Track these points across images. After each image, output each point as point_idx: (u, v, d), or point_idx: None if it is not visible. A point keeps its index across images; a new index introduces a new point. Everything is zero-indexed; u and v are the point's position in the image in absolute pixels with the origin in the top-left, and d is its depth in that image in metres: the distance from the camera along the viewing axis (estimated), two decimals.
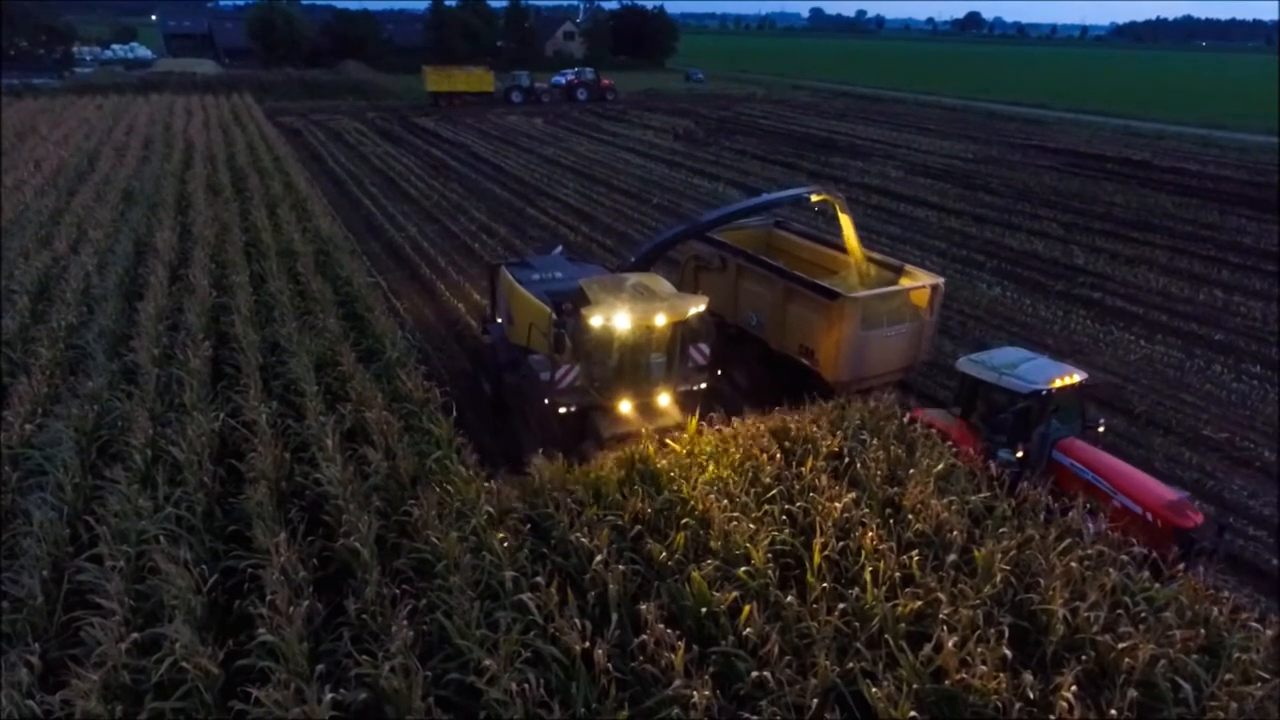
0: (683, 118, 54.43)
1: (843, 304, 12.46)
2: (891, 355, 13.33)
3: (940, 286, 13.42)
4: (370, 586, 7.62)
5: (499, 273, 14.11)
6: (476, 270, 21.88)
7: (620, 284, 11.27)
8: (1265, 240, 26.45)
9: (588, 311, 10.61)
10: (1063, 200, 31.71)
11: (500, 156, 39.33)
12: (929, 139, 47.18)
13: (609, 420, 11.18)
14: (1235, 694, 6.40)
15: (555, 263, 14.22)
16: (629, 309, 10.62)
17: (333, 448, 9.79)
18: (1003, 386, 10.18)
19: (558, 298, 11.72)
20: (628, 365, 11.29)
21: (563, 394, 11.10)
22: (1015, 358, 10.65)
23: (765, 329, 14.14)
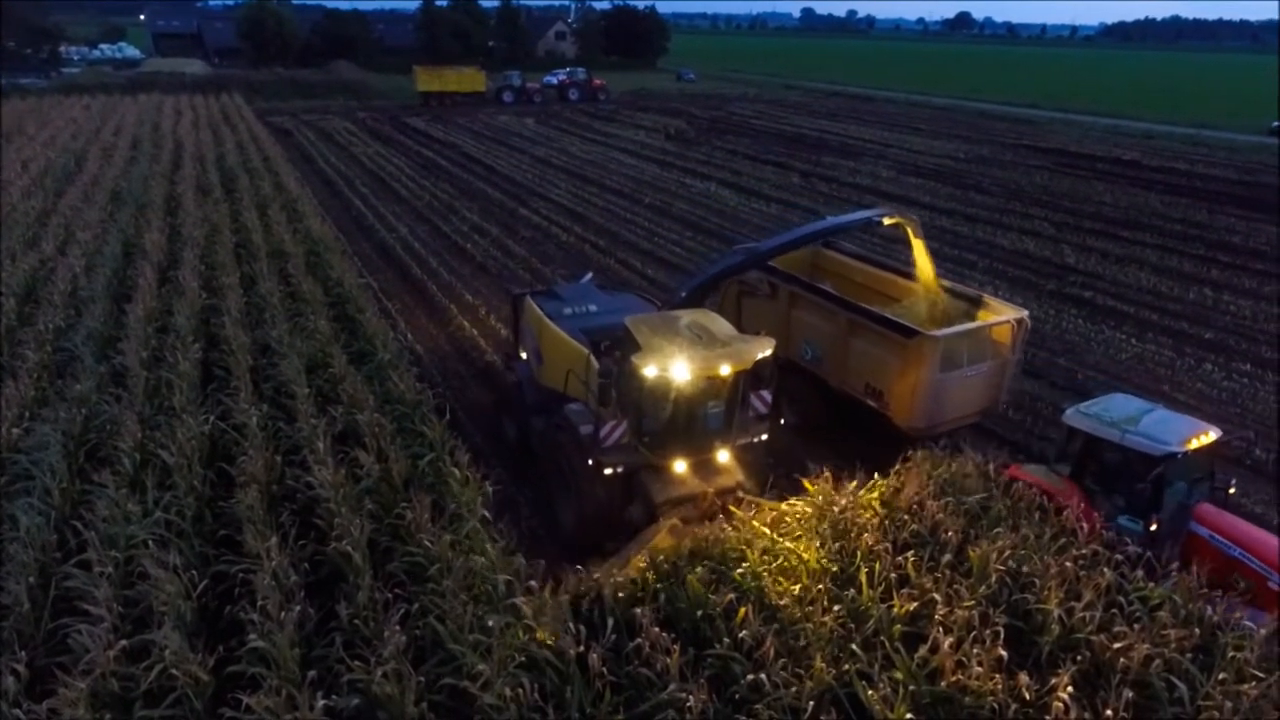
0: (674, 118, 54.42)
1: (921, 343, 11.03)
2: (970, 398, 11.96)
3: (1025, 321, 12.03)
4: (362, 591, 7.56)
5: (523, 304, 12.69)
6: (468, 271, 21.83)
7: (673, 324, 9.55)
8: (1254, 239, 26.61)
9: (640, 360, 8.89)
10: (1053, 199, 31.83)
11: (492, 157, 39.23)
12: (920, 139, 47.30)
13: (662, 482, 9.63)
14: (1229, 693, 6.40)
15: (586, 293, 12.82)
16: (688, 357, 8.87)
17: (324, 450, 9.72)
18: (1128, 447, 8.67)
19: (595, 336, 10.58)
20: (682, 418, 9.61)
21: (608, 453, 9.60)
22: (1132, 409, 9.17)
23: (823, 365, 12.71)
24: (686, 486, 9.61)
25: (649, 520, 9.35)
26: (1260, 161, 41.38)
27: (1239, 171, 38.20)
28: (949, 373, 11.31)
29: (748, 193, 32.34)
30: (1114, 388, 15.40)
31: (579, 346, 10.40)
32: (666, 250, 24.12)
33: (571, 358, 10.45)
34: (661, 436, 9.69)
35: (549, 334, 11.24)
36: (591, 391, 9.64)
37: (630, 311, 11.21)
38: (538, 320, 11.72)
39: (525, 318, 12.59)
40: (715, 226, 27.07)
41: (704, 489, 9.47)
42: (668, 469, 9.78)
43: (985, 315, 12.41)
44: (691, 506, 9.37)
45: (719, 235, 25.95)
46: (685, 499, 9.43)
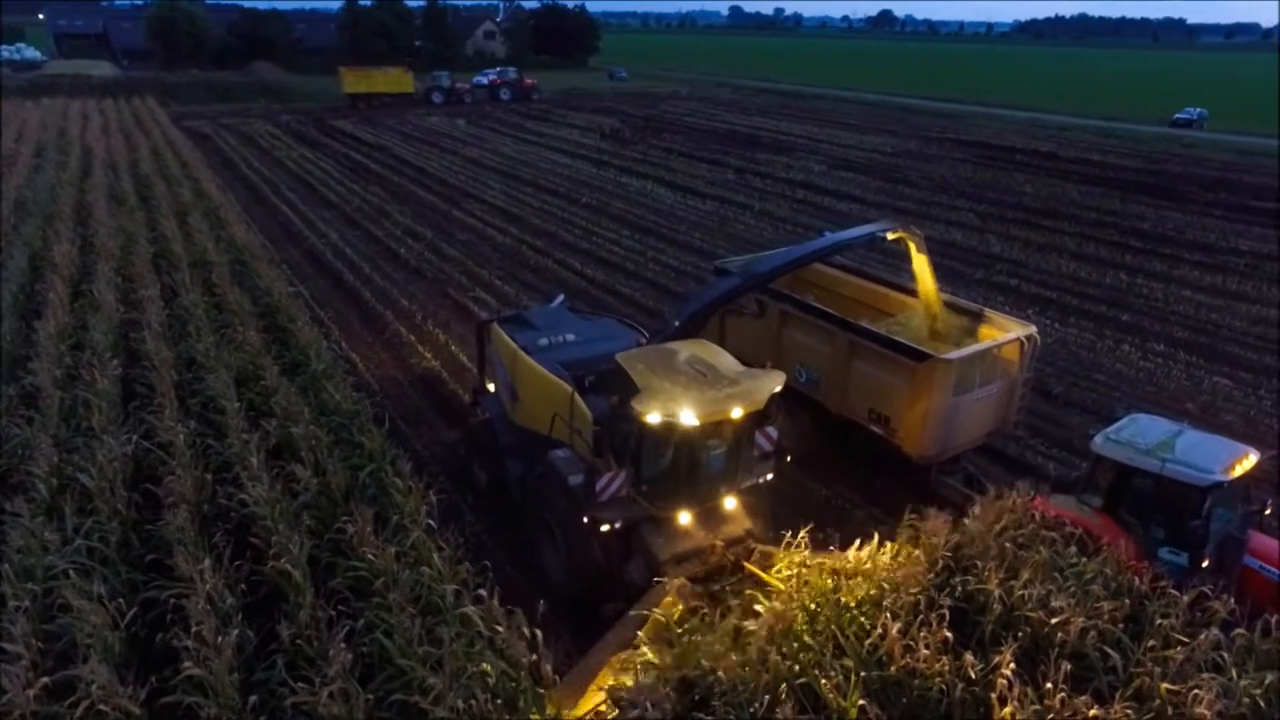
0: (608, 116, 54.37)
1: (933, 367, 10.30)
2: (980, 420, 11.37)
3: (1035, 338, 11.40)
4: (304, 609, 7.31)
5: (490, 332, 11.41)
6: (403, 276, 21.37)
7: (671, 360, 8.58)
8: (1161, 225, 28.04)
9: (641, 405, 7.85)
10: (978, 191, 32.94)
11: (423, 158, 38.51)
12: (850, 134, 48.35)
13: (664, 536, 8.69)
14: (1158, 658, 6.70)
15: (561, 319, 11.66)
16: (695, 400, 7.89)
17: (258, 466, 9.36)
18: (1169, 477, 8.12)
19: (576, 370, 9.52)
20: (684, 465, 8.77)
21: (605, 507, 8.59)
22: (1163, 433, 8.64)
23: (820, 389, 11.88)
24: (692, 539, 8.68)
25: (650, 579, 8.32)
26: (1164, 152, 43.63)
27: (1146, 161, 40.19)
28: (961, 396, 10.64)
29: (684, 190, 32.53)
30: (1042, 372, 16.00)
31: (560, 383, 9.31)
32: (605, 250, 24.08)
33: (552, 396, 9.37)
34: (662, 486, 8.76)
35: (524, 369, 10.11)
36: (584, 440, 8.59)
37: (612, 339, 10.52)
38: (510, 352, 10.51)
39: (494, 348, 11.34)
40: (653, 225, 27.14)
41: (711, 541, 8.61)
42: (670, 521, 8.80)
43: (987, 330, 11.89)
44: (698, 562, 8.49)
45: (657, 234, 26.03)
46: (691, 554, 8.54)
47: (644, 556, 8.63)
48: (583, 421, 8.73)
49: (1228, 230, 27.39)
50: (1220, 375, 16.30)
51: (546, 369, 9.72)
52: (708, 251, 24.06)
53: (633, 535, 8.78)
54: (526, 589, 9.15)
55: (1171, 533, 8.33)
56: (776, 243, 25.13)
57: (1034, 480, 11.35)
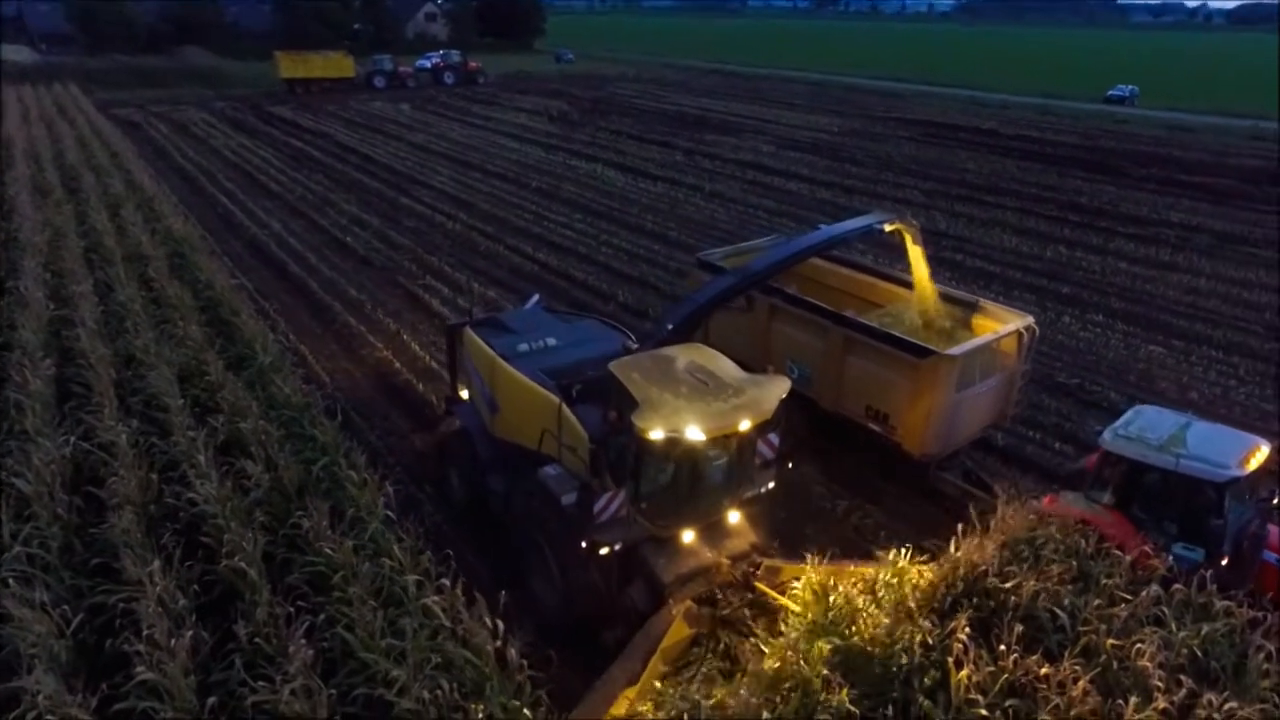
0: (555, 99, 53.78)
1: (937, 364, 9.95)
2: (980, 414, 11.17)
3: (1034, 328, 11.16)
4: (261, 607, 7.16)
5: (463, 337, 10.58)
6: (351, 265, 20.90)
7: (669, 369, 7.94)
8: (1097, 199, 28.93)
9: (643, 420, 7.23)
10: (922, 168, 33.53)
11: (367, 145, 37.61)
12: (796, 114, 48.69)
13: (667, 556, 8.17)
14: (1103, 616, 6.98)
15: (539, 321, 10.88)
16: (700, 413, 7.33)
17: (206, 463, 9.11)
18: (1184, 474, 7.95)
19: (561, 378, 8.93)
20: (687, 480, 8.23)
21: (604, 529, 8.00)
22: (1171, 426, 8.46)
23: (813, 385, 11.37)
24: (696, 558, 8.18)
25: (653, 603, 7.89)
26: (1099, 128, 44.97)
27: (1081, 138, 41.37)
28: (963, 391, 10.38)
29: (634, 172, 32.42)
30: None
31: (546, 394, 8.66)
32: (557, 234, 23.89)
33: (537, 407, 8.74)
34: (663, 503, 8.19)
35: (504, 378, 9.36)
36: (580, 458, 8.05)
37: (596, 342, 9.99)
38: (487, 360, 9.73)
39: (467, 354, 10.45)
40: (604, 208, 27.01)
41: (717, 559, 8.15)
42: (672, 540, 8.29)
43: (980, 320, 11.65)
44: (703, 581, 8.02)
45: (609, 217, 25.92)
46: (696, 573, 8.06)
47: (645, 579, 8.09)
48: (575, 437, 8.15)
49: (1159, 203, 28.40)
50: (1155, 344, 16.94)
51: (529, 378, 8.98)
52: (660, 234, 24.08)
53: (632, 556, 8.16)
54: (488, 577, 9.12)
55: (1185, 529, 8.19)
56: (728, 224, 25.31)
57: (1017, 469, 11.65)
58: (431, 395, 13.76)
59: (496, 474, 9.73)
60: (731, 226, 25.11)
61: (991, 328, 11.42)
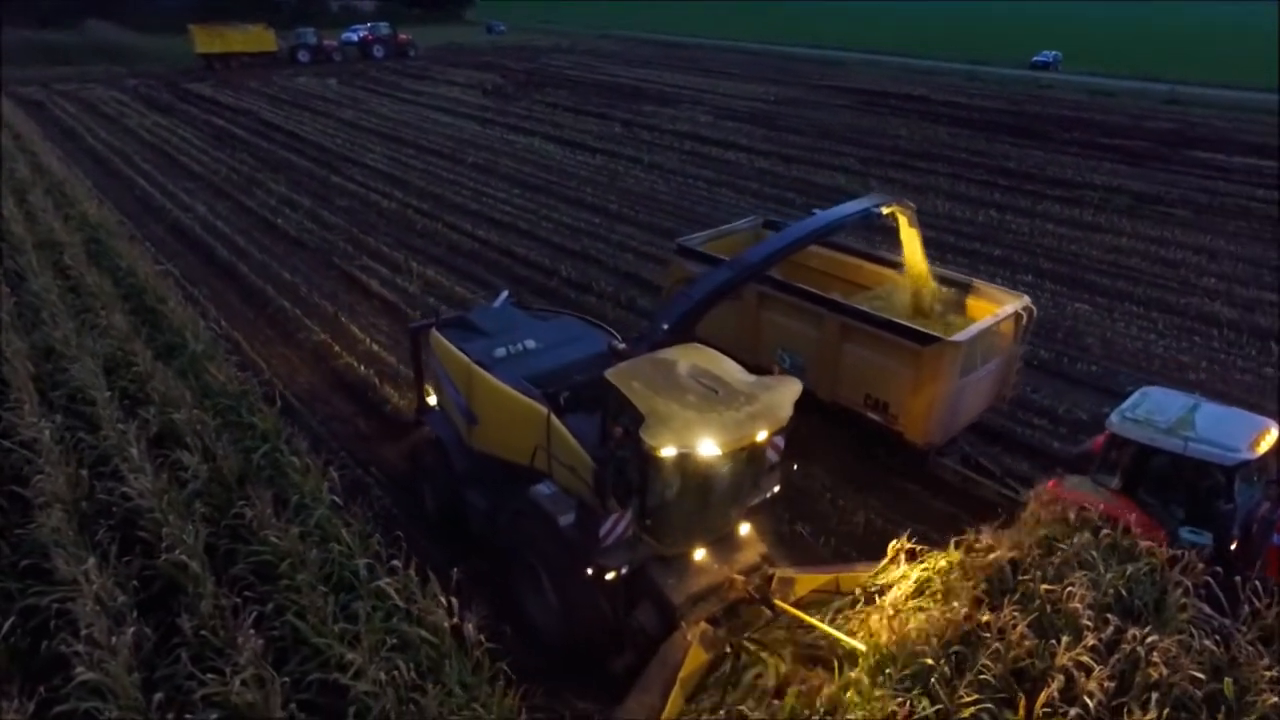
0: (489, 72, 52.65)
1: (941, 351, 9.64)
2: (980, 399, 10.94)
3: (1031, 309, 10.87)
4: (205, 600, 6.99)
5: (431, 339, 9.74)
6: (283, 248, 20.23)
7: (671, 375, 7.26)
8: (1024, 163, 29.80)
9: (652, 436, 6.60)
10: (858, 136, 33.98)
11: (294, 123, 36.27)
12: (733, 83, 48.70)
13: (676, 575, 7.62)
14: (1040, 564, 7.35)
15: (513, 321, 10.03)
16: (715, 426, 6.72)
17: (139, 457, 8.78)
18: (1193, 458, 7.83)
19: (546, 384, 8.23)
20: (693, 493, 7.54)
21: (609, 553, 7.40)
22: (1179, 408, 8.32)
23: (807, 375, 10.56)
24: (707, 575, 7.69)
25: (663, 625, 7.38)
26: (1024, 93, 46.19)
27: (1008, 103, 42.44)
28: (966, 377, 10.13)
29: (572, 145, 32.06)
30: None
31: (531, 405, 8.02)
32: (496, 210, 23.53)
33: (522, 419, 8.10)
34: (671, 520, 7.51)
35: (483, 387, 8.64)
36: (581, 478, 7.45)
37: (578, 342, 9.32)
38: (461, 367, 8.95)
39: (436, 359, 9.67)
40: (543, 182, 26.68)
41: (728, 575, 7.70)
42: (681, 558, 7.77)
43: (974, 302, 11.41)
44: (715, 599, 7.59)
45: (548, 191, 25.63)
46: (708, 592, 7.61)
47: (654, 600, 7.54)
48: (568, 451, 7.61)
49: (1082, 166, 29.39)
50: (1080, 302, 17.62)
51: (512, 387, 8.30)
52: (600, 207, 23.93)
53: (638, 576, 7.59)
54: (441, 556, 9.05)
55: (1192, 512, 8.13)
56: (668, 195, 25.30)
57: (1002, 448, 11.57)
58: (374, 379, 13.49)
59: (476, 489, 8.99)
60: (672, 198, 25.12)
61: (984, 308, 11.19)
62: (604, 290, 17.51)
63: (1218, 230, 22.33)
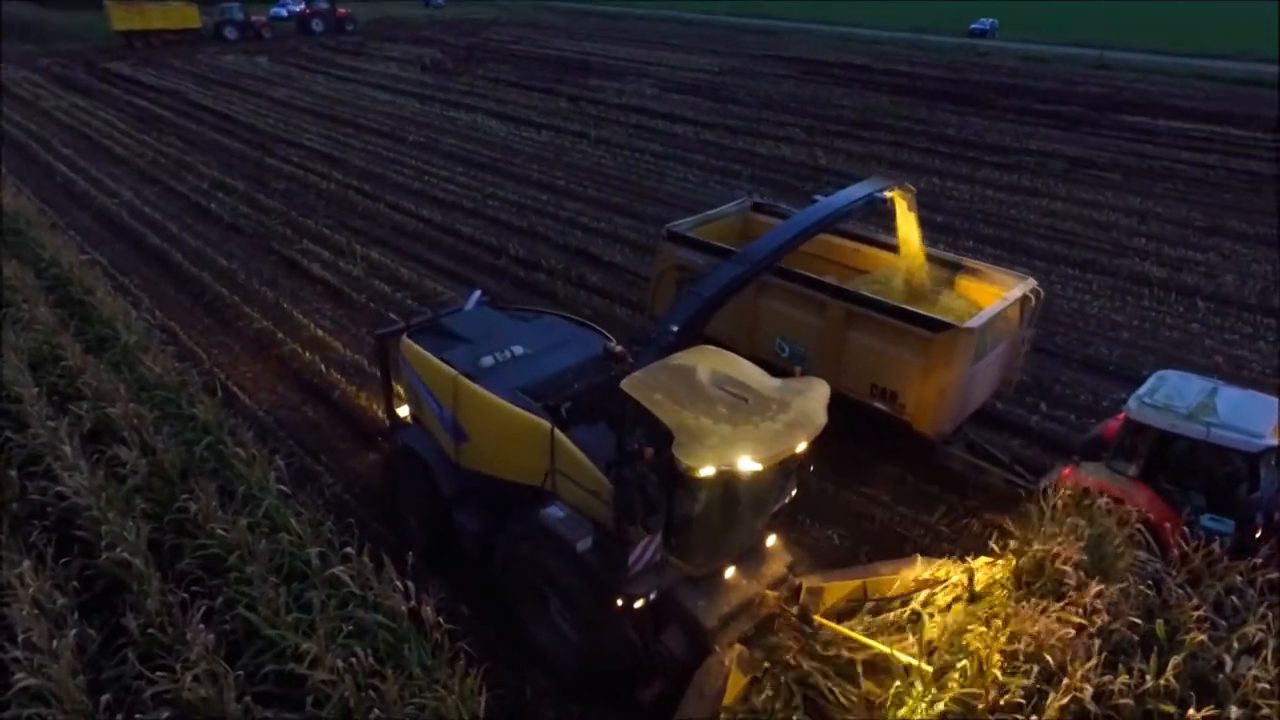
0: (428, 47, 51.30)
1: (954, 338, 9.30)
2: (987, 384, 10.67)
3: (1039, 292, 10.57)
4: (151, 597, 6.83)
5: (402, 348, 8.89)
6: (217, 234, 19.54)
7: (692, 383, 6.66)
8: (964, 131, 30.33)
9: (690, 457, 6.02)
10: (801, 106, 34.13)
11: (223, 103, 34.87)
12: (677, 55, 48.37)
13: (706, 597, 7.10)
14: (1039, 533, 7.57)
15: (493, 325, 9.19)
16: (754, 441, 6.19)
17: (73, 454, 8.49)
18: (1217, 443, 7.67)
19: (544, 395, 7.57)
20: (719, 509, 6.98)
21: (637, 580, 6.87)
22: (1198, 392, 8.13)
23: (808, 364, 10.18)
24: (737, 593, 7.23)
25: (693, 649, 6.92)
26: (965, 61, 46.91)
27: (948, 70, 43.05)
28: (976, 364, 9.83)
29: (517, 121, 31.53)
30: None
31: (532, 420, 7.34)
32: (440, 189, 23.06)
33: (521, 435, 7.46)
34: (698, 539, 6.97)
35: (473, 402, 7.88)
36: (602, 502, 6.87)
37: (570, 346, 8.65)
38: (444, 380, 8.17)
39: (411, 370, 8.83)
40: (488, 160, 26.22)
41: (758, 590, 7.28)
42: (715, 577, 7.27)
43: (967, 283, 11.19)
44: (747, 618, 7.14)
45: (493, 168, 25.20)
46: (739, 611, 7.14)
47: (683, 624, 7.04)
48: (581, 473, 7.04)
49: (1019, 132, 30.04)
50: (1020, 265, 17.99)
51: (509, 402, 7.59)
52: (547, 184, 23.64)
53: (665, 600, 7.07)
54: (394, 541, 8.96)
55: (1213, 499, 7.97)
56: (616, 170, 25.12)
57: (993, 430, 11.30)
58: (320, 365, 13.19)
59: (468, 511, 8.29)
60: (619, 172, 24.94)
61: (976, 288, 10.99)
62: (554, 268, 17.35)
63: (1146, 192, 23.10)
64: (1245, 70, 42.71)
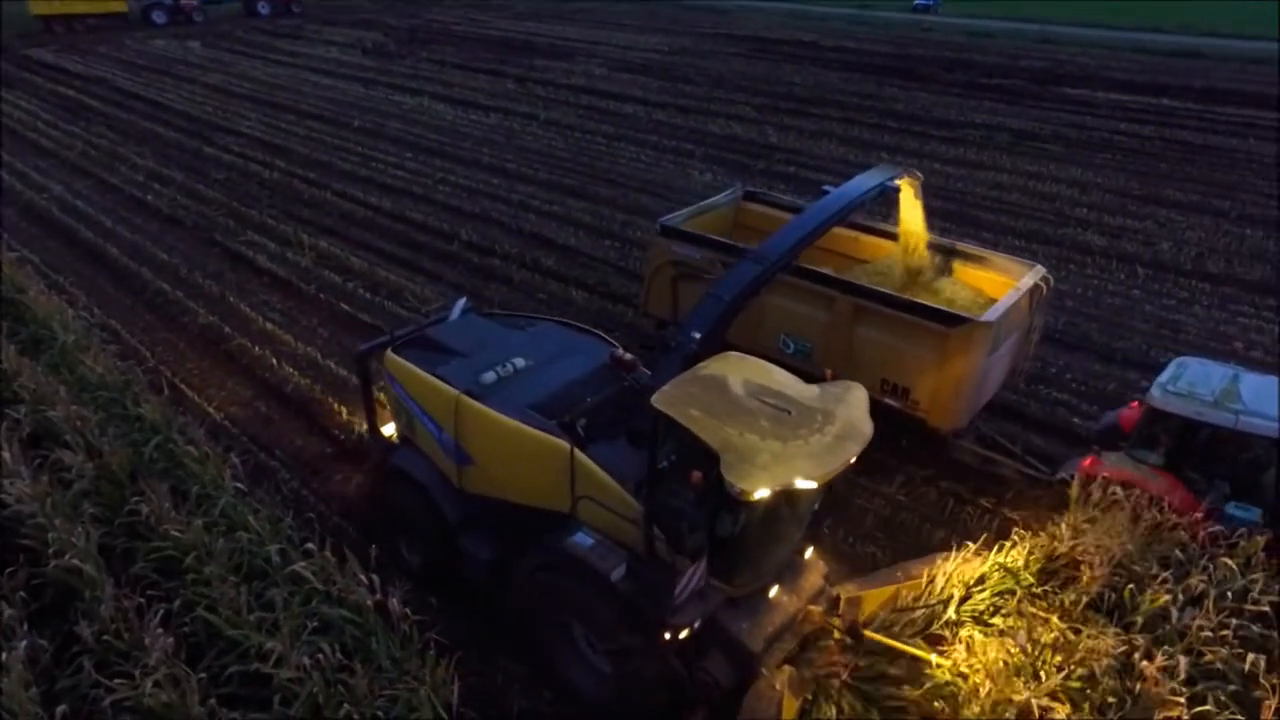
0: (369, 30, 49.98)
1: (972, 332, 9.06)
2: (998, 376, 10.36)
3: (1049, 280, 10.36)
4: (105, 604, 6.61)
5: (387, 364, 8.31)
6: (156, 227, 18.87)
7: (728, 397, 6.19)
8: (912, 105, 30.71)
9: (744, 480, 5.54)
10: (752, 84, 34.17)
11: (155, 90, 33.55)
12: (626, 34, 47.96)
13: (749, 619, 6.75)
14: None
15: (486, 335, 8.59)
16: (810, 458, 5.81)
17: (13, 460, 8.18)
18: (1246, 431, 7.56)
19: (555, 412, 7.13)
20: (767, 527, 6.64)
21: (683, 608, 6.38)
22: (1220, 378, 8.06)
23: (814, 359, 10.11)
24: (779, 611, 6.92)
25: (738, 674, 6.54)
26: (909, 36, 47.43)
27: (894, 46, 43.49)
28: (991, 356, 9.58)
29: (464, 104, 30.97)
30: None
31: (549, 440, 6.86)
32: (388, 175, 22.58)
33: (536, 457, 6.99)
34: (738, 558, 6.59)
35: (479, 422, 7.35)
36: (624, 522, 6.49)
37: (574, 355, 8.15)
38: (442, 399, 7.59)
39: (400, 388, 8.18)
40: (436, 144, 25.73)
41: (799, 606, 6.99)
42: (759, 597, 6.93)
43: (965, 268, 11.04)
44: (791, 637, 6.82)
45: (441, 153, 24.75)
46: (782, 630, 6.83)
47: (726, 649, 6.67)
48: (607, 495, 6.58)
49: (964, 106, 30.53)
50: (968, 237, 18.39)
51: (519, 421, 7.08)
52: (498, 167, 23.32)
53: (705, 624, 6.63)
54: (357, 534, 8.83)
55: (1239, 486, 7.88)
56: (567, 152, 24.86)
57: None
58: (271, 358, 12.87)
59: (477, 538, 7.78)
60: (571, 154, 24.71)
61: (984, 277, 10.86)
62: (508, 252, 17.16)
63: (1086, 163, 23.71)
64: (1177, 43, 44.01)
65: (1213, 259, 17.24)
